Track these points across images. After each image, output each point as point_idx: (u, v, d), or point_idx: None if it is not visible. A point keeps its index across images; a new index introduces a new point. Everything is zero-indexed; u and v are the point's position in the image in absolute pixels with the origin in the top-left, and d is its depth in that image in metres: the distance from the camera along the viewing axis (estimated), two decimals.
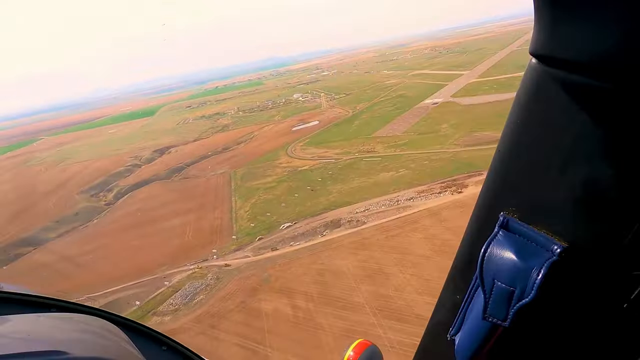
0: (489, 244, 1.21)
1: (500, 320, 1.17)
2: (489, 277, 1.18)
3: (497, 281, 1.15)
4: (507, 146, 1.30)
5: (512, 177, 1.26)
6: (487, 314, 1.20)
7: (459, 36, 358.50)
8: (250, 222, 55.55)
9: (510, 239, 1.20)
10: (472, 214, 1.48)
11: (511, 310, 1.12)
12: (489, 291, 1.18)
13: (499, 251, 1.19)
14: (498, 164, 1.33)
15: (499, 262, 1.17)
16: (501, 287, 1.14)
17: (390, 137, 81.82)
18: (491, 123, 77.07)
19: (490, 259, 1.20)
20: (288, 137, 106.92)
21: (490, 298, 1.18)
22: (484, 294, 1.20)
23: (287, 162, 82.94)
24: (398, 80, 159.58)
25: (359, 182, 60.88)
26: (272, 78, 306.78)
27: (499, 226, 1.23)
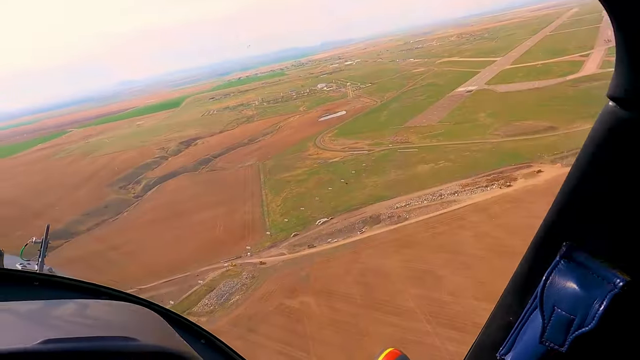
0: (551, 272, 1.24)
1: (557, 345, 1.18)
2: (549, 303, 1.20)
3: (557, 308, 1.18)
4: (578, 179, 1.30)
5: (579, 209, 1.28)
6: (545, 338, 1.21)
7: (485, 22, 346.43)
8: (283, 217, 53.10)
9: (573, 269, 1.22)
10: (533, 241, 1.49)
11: (569, 337, 1.14)
12: (548, 317, 1.20)
13: (561, 280, 1.21)
14: (566, 195, 1.35)
15: (560, 290, 1.19)
16: (561, 314, 1.16)
17: (424, 127, 78.00)
18: (532, 111, 72.44)
19: (552, 286, 1.22)
20: (315, 127, 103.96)
21: (549, 323, 1.20)
22: (542, 319, 1.21)
23: (317, 153, 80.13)
24: (426, 68, 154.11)
25: (396, 174, 57.63)
26: (295, 68, 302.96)
27: (561, 256, 1.25)
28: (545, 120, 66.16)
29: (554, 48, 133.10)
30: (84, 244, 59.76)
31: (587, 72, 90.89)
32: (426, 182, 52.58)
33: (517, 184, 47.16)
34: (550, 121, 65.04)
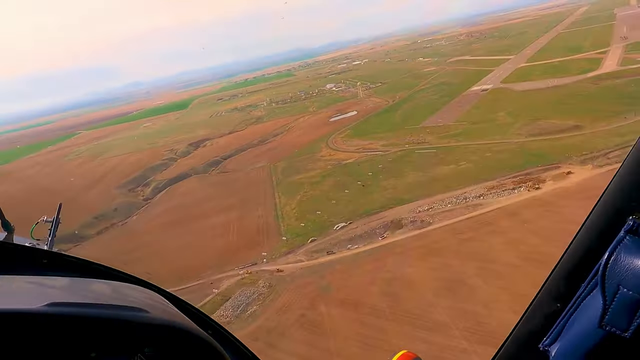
0: (615, 249, 1.14)
1: (620, 330, 1.08)
2: (612, 283, 1.09)
3: (622, 287, 1.08)
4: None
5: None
6: (606, 322, 1.11)
7: (493, 21, 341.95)
8: (299, 221, 50.78)
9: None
10: (588, 218, 1.39)
11: (636, 320, 1.05)
12: (611, 297, 1.09)
13: (628, 257, 1.10)
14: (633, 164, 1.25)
15: (626, 268, 1.09)
16: (627, 295, 1.06)
17: (440, 127, 75.39)
18: (555, 110, 69.64)
19: (616, 264, 1.11)
20: (326, 128, 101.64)
21: (611, 305, 1.09)
22: (603, 300, 1.11)
23: (330, 154, 77.80)
24: (437, 67, 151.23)
25: (415, 176, 55.13)
26: (302, 69, 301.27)
27: (626, 231, 1.14)
28: (569, 119, 63.36)
29: (568, 45, 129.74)
30: (93, 248, 57.85)
31: (606, 70, 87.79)
32: (448, 185, 50.04)
33: (546, 187, 44.50)
34: (574, 120, 62.24)
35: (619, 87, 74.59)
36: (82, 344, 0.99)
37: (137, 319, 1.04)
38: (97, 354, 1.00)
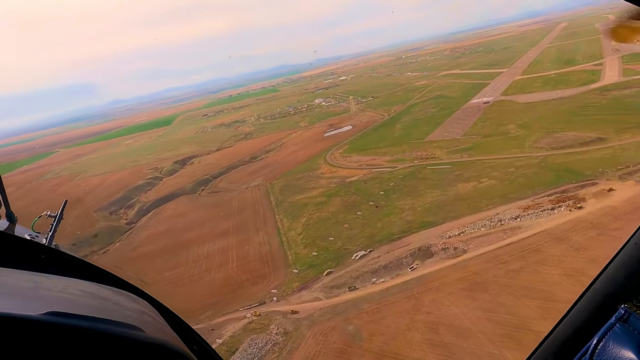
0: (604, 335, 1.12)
1: None
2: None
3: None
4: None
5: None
6: None
7: (475, 37, 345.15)
8: (309, 249, 44.24)
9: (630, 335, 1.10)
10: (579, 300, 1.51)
11: None
12: None
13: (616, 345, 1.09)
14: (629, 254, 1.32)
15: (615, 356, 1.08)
16: None
17: (448, 141, 70.28)
18: (569, 122, 65.32)
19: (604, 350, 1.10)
20: (321, 143, 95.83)
21: None
22: None
23: (331, 171, 71.77)
24: (428, 81, 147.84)
25: (434, 195, 49.43)
26: (287, 85, 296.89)
27: (617, 318, 1.14)
28: (588, 130, 58.96)
29: (560, 58, 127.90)
30: None
31: (610, 81, 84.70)
32: (475, 204, 44.43)
33: (589, 206, 39.20)
34: (594, 132, 57.82)
35: (629, 98, 70.97)
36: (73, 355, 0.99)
37: (132, 336, 1.05)
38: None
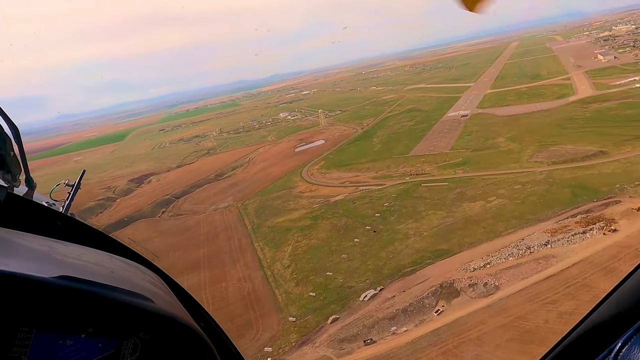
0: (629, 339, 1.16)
1: None
2: None
3: None
4: None
5: None
6: None
7: (430, 55, 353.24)
8: (303, 288, 36.25)
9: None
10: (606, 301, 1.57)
11: None
12: None
13: None
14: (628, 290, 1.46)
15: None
16: None
17: (435, 156, 64.94)
18: (559, 134, 61.77)
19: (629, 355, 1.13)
20: (294, 159, 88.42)
21: None
22: None
23: (310, 190, 64.36)
24: (396, 95, 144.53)
25: (439, 217, 43.15)
26: (247, 99, 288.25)
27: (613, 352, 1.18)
28: (584, 143, 55.33)
29: (525, 74, 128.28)
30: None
31: (585, 94, 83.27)
32: (492, 228, 38.47)
33: (624, 228, 34.13)
34: (592, 145, 54.21)
35: (612, 110, 68.92)
36: (83, 318, 1.02)
37: (141, 305, 1.08)
38: (94, 329, 1.03)
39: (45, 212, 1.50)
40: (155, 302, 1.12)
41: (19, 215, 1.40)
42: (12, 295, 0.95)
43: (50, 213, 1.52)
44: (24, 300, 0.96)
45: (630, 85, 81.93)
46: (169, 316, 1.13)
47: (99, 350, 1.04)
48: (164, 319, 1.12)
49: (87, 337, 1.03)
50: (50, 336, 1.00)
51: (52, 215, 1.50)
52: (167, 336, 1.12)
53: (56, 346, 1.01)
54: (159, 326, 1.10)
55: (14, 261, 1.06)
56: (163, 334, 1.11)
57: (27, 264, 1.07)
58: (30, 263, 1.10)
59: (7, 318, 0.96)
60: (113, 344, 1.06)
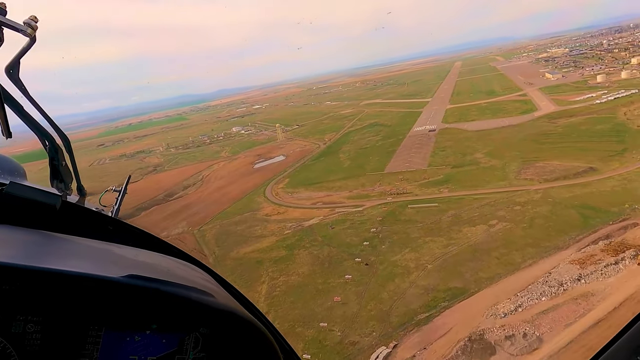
0: None
1: None
2: None
3: None
4: None
5: None
6: None
7: (378, 72, 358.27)
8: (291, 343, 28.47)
9: None
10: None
11: None
12: None
13: None
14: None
15: None
16: None
17: (413, 173, 59.59)
18: (538, 150, 58.64)
19: None
20: (254, 176, 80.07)
21: None
22: None
23: (278, 212, 56.49)
24: (354, 109, 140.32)
25: (440, 245, 37.03)
26: (194, 113, 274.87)
27: None
28: (570, 160, 52.25)
29: (479, 90, 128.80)
30: None
31: (549, 110, 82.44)
32: (507, 259, 32.79)
33: None
34: (578, 161, 51.21)
35: (581, 125, 67.63)
36: (148, 315, 1.06)
37: (200, 300, 1.10)
38: (158, 325, 1.06)
39: (97, 217, 1.56)
40: (215, 297, 1.14)
41: (74, 221, 1.45)
42: (83, 295, 1.00)
43: (102, 218, 1.57)
44: (93, 300, 1.01)
45: (590, 101, 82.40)
46: (228, 310, 1.15)
47: (163, 346, 1.07)
48: (223, 313, 1.13)
49: (151, 334, 1.06)
50: (118, 333, 1.04)
51: (104, 219, 1.56)
52: (226, 330, 1.14)
53: (124, 343, 1.04)
54: (219, 320, 1.12)
55: (77, 263, 1.11)
56: (223, 328, 1.13)
57: (90, 266, 1.12)
58: (92, 264, 1.15)
59: (80, 317, 1.01)
60: (175, 340, 1.08)
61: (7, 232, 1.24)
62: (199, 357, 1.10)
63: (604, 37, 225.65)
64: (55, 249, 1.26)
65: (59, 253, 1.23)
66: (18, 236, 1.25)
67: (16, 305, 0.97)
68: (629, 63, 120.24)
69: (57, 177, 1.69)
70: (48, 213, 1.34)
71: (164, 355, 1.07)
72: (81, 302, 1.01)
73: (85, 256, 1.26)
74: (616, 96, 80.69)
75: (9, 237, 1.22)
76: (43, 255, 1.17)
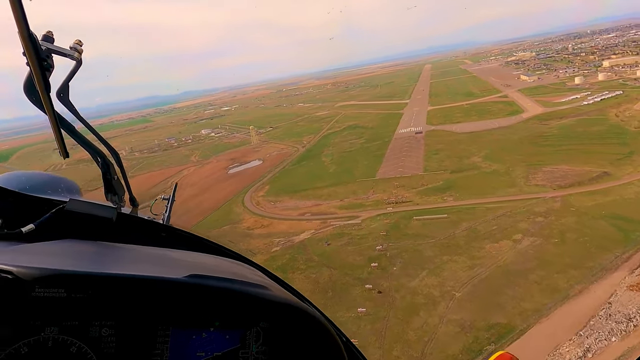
0: None
1: None
2: None
3: None
4: None
5: None
6: None
7: (347, 75, 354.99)
8: None
9: None
10: None
11: None
12: None
13: None
14: None
15: None
16: None
17: (409, 179, 54.15)
18: (540, 153, 54.54)
19: None
20: (229, 183, 72.65)
21: None
22: None
23: (261, 224, 49.60)
24: (329, 111, 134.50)
25: (462, 266, 31.41)
26: (159, 115, 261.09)
27: None
28: (578, 163, 48.22)
29: (456, 91, 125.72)
30: None
31: (537, 112, 79.28)
32: (549, 283, 27.50)
33: None
34: (588, 165, 47.26)
35: (576, 127, 64.48)
36: (211, 313, 1.10)
37: (259, 294, 1.13)
38: (220, 322, 1.10)
39: (150, 226, 1.64)
40: (271, 290, 1.17)
41: (130, 231, 1.54)
42: (149, 297, 1.05)
43: (155, 226, 1.65)
44: (159, 301, 1.06)
45: (576, 102, 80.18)
46: (285, 303, 1.17)
47: (226, 342, 1.11)
48: (281, 306, 1.16)
49: (215, 331, 1.10)
50: (185, 332, 1.08)
51: (157, 227, 1.64)
52: (286, 322, 1.16)
53: (191, 340, 1.08)
54: (277, 313, 1.15)
55: (139, 268, 1.16)
56: (282, 321, 1.15)
57: (152, 269, 1.16)
58: (153, 268, 1.20)
59: (148, 318, 1.05)
60: (238, 335, 1.12)
61: (72, 245, 1.33)
62: (261, 351, 1.13)
63: (566, 42, 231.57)
64: (118, 257, 1.34)
65: (121, 260, 1.31)
66: (82, 248, 1.34)
67: (91, 311, 1.02)
68: (600, 65, 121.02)
69: (111, 191, 1.73)
70: (106, 225, 1.43)
71: (228, 351, 1.10)
72: (148, 303, 1.05)
73: (146, 261, 1.32)
74: (602, 97, 78.75)
75: (74, 249, 1.30)
76: (107, 263, 1.25)
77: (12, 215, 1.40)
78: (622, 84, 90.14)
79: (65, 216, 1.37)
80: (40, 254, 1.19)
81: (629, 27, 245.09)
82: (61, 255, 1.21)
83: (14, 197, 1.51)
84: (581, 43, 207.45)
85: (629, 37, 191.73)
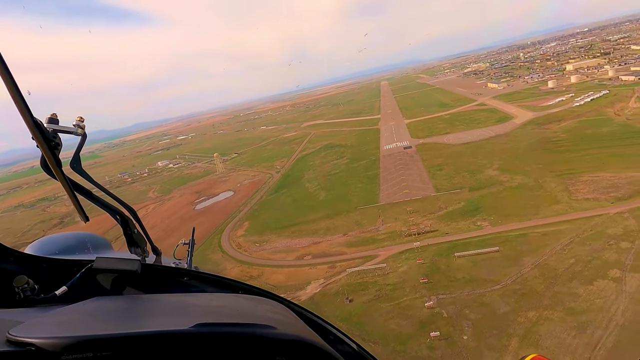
0: None
1: None
2: None
3: None
4: None
5: None
6: None
7: (302, 97, 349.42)
8: None
9: None
10: None
11: None
12: None
13: None
14: None
15: None
16: None
17: (422, 202, 44.87)
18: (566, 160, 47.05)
19: None
20: (199, 221, 60.43)
21: None
22: None
23: (249, 275, 38.28)
24: (297, 132, 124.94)
25: (565, 327, 21.90)
26: (109, 150, 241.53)
27: None
28: (618, 168, 40.98)
29: (427, 103, 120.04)
30: None
31: (528, 117, 73.38)
32: None
33: None
34: (630, 170, 40.11)
35: (582, 129, 58.48)
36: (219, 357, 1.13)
37: (268, 335, 1.17)
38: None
39: (173, 273, 1.74)
40: (279, 328, 1.21)
41: (154, 280, 1.63)
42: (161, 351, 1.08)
43: (177, 272, 1.75)
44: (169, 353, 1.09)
45: (564, 105, 75.47)
46: (297, 339, 1.22)
47: None
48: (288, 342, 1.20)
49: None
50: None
51: (179, 273, 1.74)
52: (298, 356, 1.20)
53: None
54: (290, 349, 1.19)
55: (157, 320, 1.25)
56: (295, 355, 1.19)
57: (166, 320, 1.24)
58: (170, 319, 1.27)
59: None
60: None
61: (100, 303, 1.39)
62: None
63: (513, 53, 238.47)
64: (140, 311, 1.39)
65: (143, 315, 1.36)
66: (109, 305, 1.40)
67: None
68: (564, 69, 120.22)
69: (133, 244, 1.83)
70: (131, 277, 1.52)
71: None
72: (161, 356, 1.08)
73: (164, 312, 1.37)
74: (591, 98, 74.39)
75: (101, 308, 1.36)
76: (131, 319, 1.31)
77: (46, 280, 1.52)
78: (600, 84, 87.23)
79: (94, 274, 1.49)
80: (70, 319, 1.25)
81: (568, 36, 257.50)
82: (89, 317, 1.28)
83: (47, 263, 1.65)
84: (529, 52, 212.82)
85: (572, 44, 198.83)
